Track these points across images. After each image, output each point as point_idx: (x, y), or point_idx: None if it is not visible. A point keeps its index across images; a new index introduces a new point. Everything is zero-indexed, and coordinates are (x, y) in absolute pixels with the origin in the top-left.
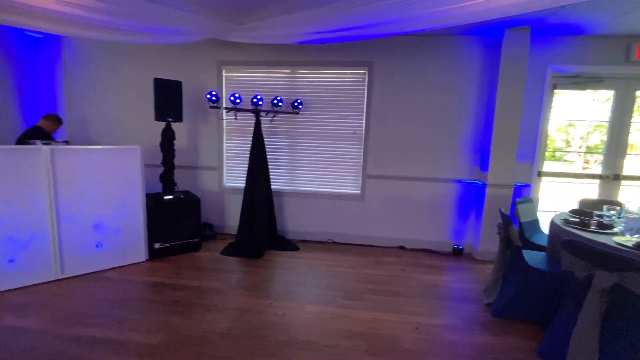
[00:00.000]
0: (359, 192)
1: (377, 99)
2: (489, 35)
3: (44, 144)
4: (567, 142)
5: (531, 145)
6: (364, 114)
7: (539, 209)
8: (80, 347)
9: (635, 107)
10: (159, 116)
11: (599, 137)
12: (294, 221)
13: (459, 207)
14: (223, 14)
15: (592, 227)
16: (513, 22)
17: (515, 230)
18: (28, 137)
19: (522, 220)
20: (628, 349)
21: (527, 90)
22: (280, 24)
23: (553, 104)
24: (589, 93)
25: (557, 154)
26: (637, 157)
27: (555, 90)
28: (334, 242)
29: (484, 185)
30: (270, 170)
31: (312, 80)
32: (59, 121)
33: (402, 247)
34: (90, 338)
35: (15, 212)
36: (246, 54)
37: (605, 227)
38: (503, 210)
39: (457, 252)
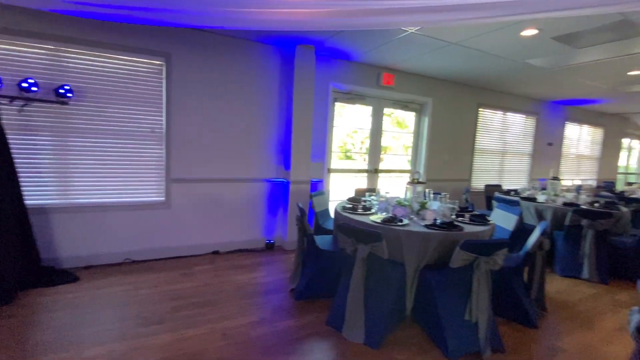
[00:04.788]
0: (163, 199)
1: (178, 95)
2: (285, 47)
3: None
4: (353, 145)
5: (322, 147)
6: (164, 111)
7: (330, 199)
8: None
9: (384, 120)
10: None
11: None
12: (71, 244)
13: (269, 204)
14: None
15: (360, 211)
16: (302, 40)
17: (307, 219)
18: None
19: (317, 210)
20: (380, 304)
21: (316, 101)
22: None
23: (341, 114)
24: (359, 107)
25: (344, 154)
26: (387, 156)
27: (336, 103)
28: (133, 262)
29: (288, 183)
30: (24, 179)
31: (90, 63)
32: None
33: (216, 252)
34: None
35: None
36: None
37: (367, 209)
38: (300, 204)
39: (270, 247)
